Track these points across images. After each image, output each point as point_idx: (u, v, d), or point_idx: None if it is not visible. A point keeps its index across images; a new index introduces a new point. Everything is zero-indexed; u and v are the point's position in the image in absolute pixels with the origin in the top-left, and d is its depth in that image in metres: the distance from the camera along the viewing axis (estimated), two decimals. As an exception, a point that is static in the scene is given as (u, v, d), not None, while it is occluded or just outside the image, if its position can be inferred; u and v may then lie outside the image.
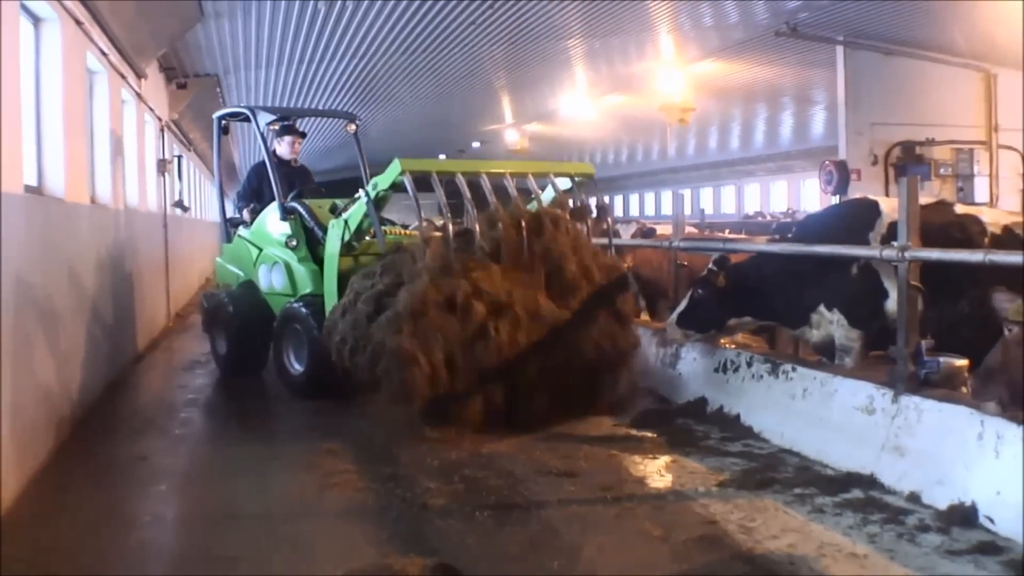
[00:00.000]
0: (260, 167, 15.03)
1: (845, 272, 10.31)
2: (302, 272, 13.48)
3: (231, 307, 14.49)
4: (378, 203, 12.07)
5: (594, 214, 12.51)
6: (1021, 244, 9.61)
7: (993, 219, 10.36)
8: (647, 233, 18.99)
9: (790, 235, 12.10)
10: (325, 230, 13.09)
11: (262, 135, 15.04)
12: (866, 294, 10.20)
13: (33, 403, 9.24)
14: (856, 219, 10.60)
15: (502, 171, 12.30)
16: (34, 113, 11.11)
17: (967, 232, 9.90)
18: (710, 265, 11.17)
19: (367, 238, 12.70)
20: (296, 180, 14.75)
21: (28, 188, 9.78)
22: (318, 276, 13.10)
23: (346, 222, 12.42)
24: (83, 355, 11.87)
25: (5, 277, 8.27)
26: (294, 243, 13.68)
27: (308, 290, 13.30)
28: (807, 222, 12.40)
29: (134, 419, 12.00)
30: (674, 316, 11.28)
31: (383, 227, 12.58)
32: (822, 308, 10.57)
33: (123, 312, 15.18)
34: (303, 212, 13.75)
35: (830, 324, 10.57)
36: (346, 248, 12.52)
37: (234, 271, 15.17)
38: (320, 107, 32.04)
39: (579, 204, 12.55)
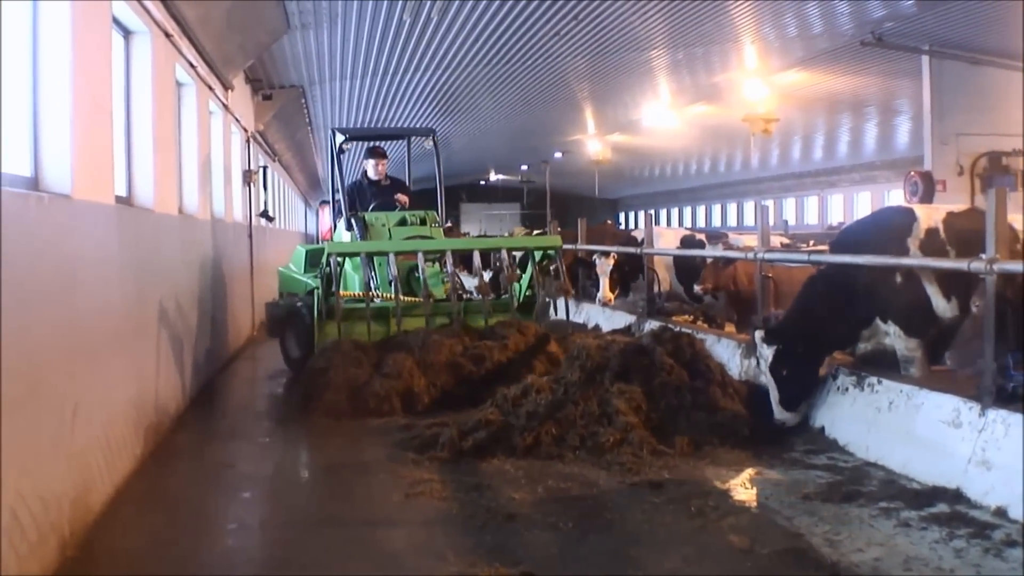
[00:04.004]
0: (353, 186, 16.41)
1: (891, 282, 10.28)
2: (351, 278, 14.80)
3: (306, 312, 15.00)
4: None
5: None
6: None
7: None
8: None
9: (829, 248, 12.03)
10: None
11: (336, 155, 16.58)
12: (916, 301, 10.20)
13: (124, 410, 9.42)
14: (894, 226, 10.68)
15: (440, 248, 14.82)
16: (124, 125, 11.32)
17: None
18: (763, 345, 10.92)
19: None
20: (386, 195, 16.06)
21: (118, 199, 9.94)
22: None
23: (316, 292, 14.32)
24: (172, 364, 12.07)
25: (97, 286, 8.45)
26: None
27: (354, 292, 14.60)
28: (846, 234, 12.26)
29: (220, 427, 12.25)
30: (776, 408, 10.76)
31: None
32: (877, 321, 10.52)
33: (210, 322, 15.41)
34: (355, 226, 15.24)
35: (885, 336, 10.53)
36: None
37: (302, 280, 16.37)
38: (405, 118, 32.43)
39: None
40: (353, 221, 15.39)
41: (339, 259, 13.90)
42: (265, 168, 24.34)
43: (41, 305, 6.80)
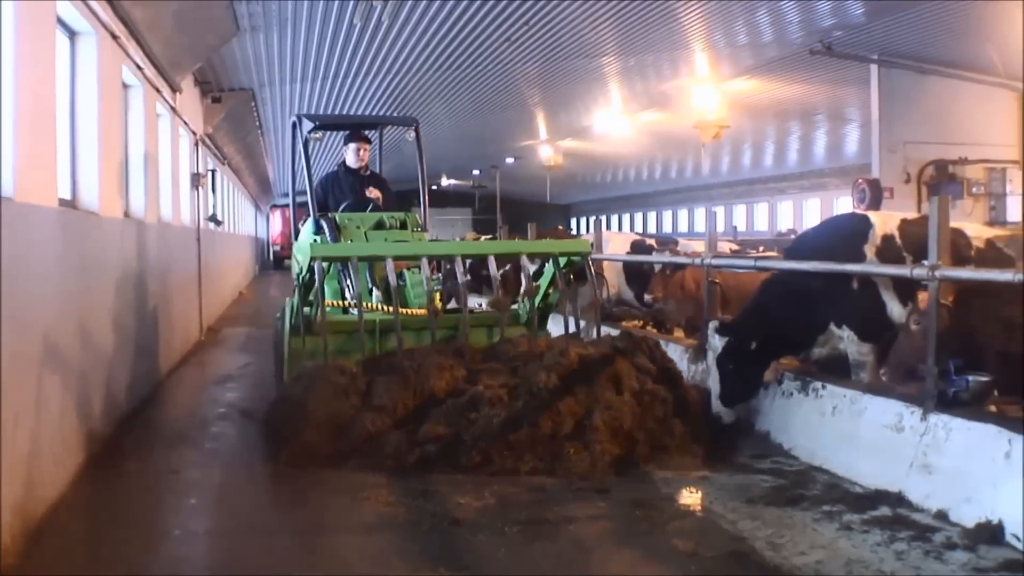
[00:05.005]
0: (326, 178, 14.75)
1: (847, 287, 10.39)
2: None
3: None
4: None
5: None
6: (1002, 257, 9.98)
7: (977, 233, 10.54)
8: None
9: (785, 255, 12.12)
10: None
11: (304, 144, 14.48)
12: (871, 307, 10.30)
13: (66, 416, 9.32)
14: (850, 233, 10.72)
15: (445, 253, 13.39)
16: (69, 126, 11.22)
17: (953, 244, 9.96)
18: (716, 338, 10.93)
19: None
20: (366, 187, 14.50)
21: (62, 201, 9.86)
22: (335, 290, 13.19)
23: (293, 304, 12.30)
24: (117, 369, 11.95)
25: (39, 290, 8.37)
26: None
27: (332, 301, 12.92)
28: (802, 241, 12.34)
29: (166, 433, 12.03)
30: (715, 401, 10.90)
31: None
32: (832, 326, 10.61)
33: (157, 326, 15.27)
34: (325, 229, 13.38)
35: (840, 341, 10.62)
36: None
37: None
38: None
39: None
40: (323, 223, 13.38)
41: (323, 265, 11.50)
42: (214, 171, 24.24)
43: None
